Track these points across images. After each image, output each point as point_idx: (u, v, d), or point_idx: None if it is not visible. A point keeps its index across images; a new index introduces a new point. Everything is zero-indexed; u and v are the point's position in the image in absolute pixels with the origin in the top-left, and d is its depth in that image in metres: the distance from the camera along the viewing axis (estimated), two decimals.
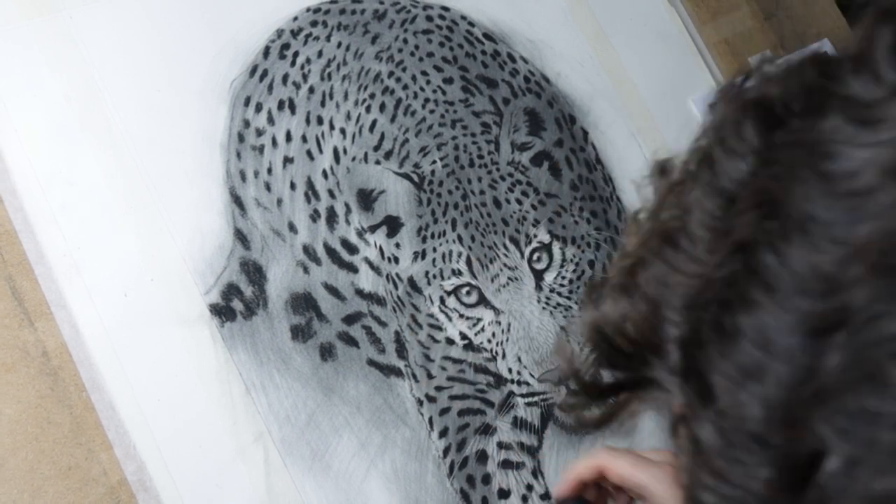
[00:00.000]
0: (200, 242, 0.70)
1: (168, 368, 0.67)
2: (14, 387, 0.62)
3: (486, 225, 0.79)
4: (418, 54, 0.82)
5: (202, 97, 0.73)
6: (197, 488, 0.65)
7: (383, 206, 0.77)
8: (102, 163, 0.69)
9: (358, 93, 0.79)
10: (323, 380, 0.71)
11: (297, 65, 0.78)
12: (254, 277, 0.71)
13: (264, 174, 0.74)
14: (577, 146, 0.87)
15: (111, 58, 0.71)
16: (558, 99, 0.88)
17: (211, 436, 0.66)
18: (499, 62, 0.86)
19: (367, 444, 0.71)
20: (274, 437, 0.68)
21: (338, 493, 0.69)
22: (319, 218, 0.75)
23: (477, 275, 0.77)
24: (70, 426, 0.63)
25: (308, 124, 0.77)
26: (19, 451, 0.61)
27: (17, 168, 0.66)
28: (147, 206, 0.69)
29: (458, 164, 0.80)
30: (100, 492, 0.62)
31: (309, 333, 0.72)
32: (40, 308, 0.64)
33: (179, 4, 0.75)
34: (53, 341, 0.64)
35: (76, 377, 0.64)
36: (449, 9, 0.85)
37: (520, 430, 0.77)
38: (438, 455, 0.73)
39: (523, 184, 0.82)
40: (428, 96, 0.81)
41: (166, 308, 0.68)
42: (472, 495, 0.73)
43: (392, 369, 0.74)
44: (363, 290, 0.75)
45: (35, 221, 0.65)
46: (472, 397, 0.76)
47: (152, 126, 0.71)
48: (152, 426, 0.65)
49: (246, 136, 0.74)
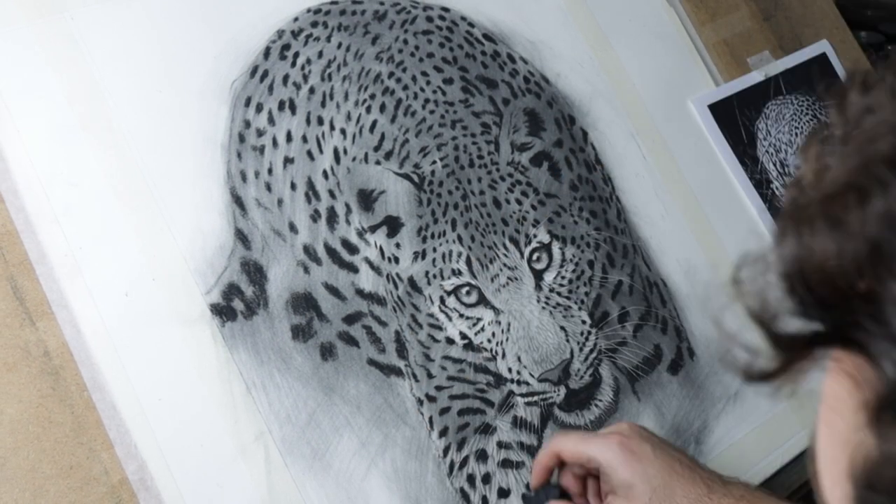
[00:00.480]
0: (201, 242, 0.70)
1: (169, 368, 0.67)
2: (15, 386, 0.62)
3: (485, 225, 0.79)
4: (418, 55, 0.82)
5: (203, 98, 0.74)
6: (198, 487, 0.65)
7: (383, 207, 0.77)
8: (104, 163, 0.69)
9: (358, 93, 0.79)
10: (323, 379, 0.71)
11: (298, 65, 0.78)
12: (254, 277, 0.71)
13: (265, 174, 0.74)
14: (576, 146, 0.87)
15: (113, 59, 0.71)
16: (558, 99, 0.88)
17: (212, 435, 0.66)
18: (499, 63, 0.86)
19: (368, 444, 0.71)
20: (275, 436, 0.68)
21: (338, 491, 0.69)
22: (320, 218, 0.75)
23: (477, 275, 0.77)
24: (71, 425, 0.63)
25: (308, 125, 0.77)
26: (21, 451, 0.61)
27: (19, 168, 0.66)
28: (148, 206, 0.69)
29: (458, 164, 0.80)
30: (101, 491, 0.62)
31: (309, 333, 0.72)
32: (42, 308, 0.64)
33: (180, 6, 0.75)
34: (55, 341, 0.64)
35: (77, 377, 0.64)
36: (449, 10, 0.85)
37: (519, 429, 0.77)
38: (438, 454, 0.73)
39: (523, 184, 0.82)
40: (428, 97, 0.81)
41: (167, 308, 0.68)
42: (472, 494, 0.73)
43: (392, 369, 0.74)
44: (363, 290, 0.75)
45: (37, 221, 0.66)
46: (472, 397, 0.76)
47: (153, 126, 0.71)
48: (153, 425, 0.65)
49: (247, 136, 0.74)
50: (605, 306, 0.83)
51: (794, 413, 0.90)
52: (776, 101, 1.02)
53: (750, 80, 1.01)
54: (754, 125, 1.00)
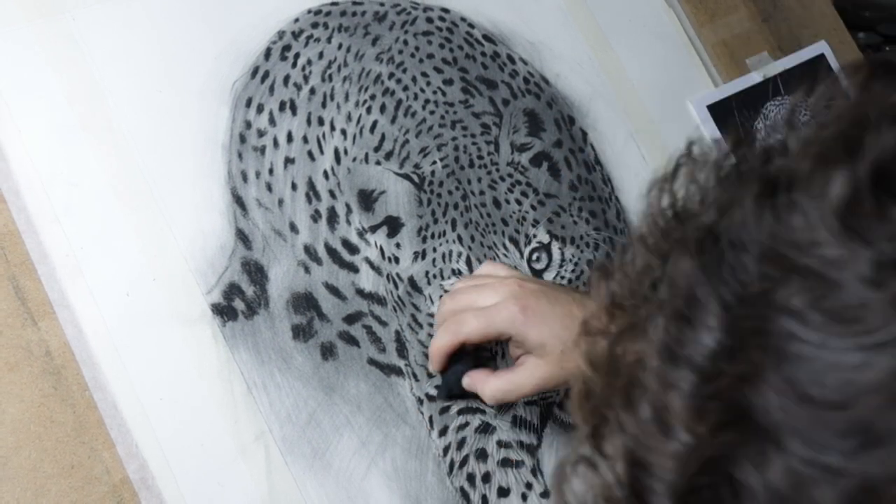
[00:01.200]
0: (202, 242, 0.71)
1: (170, 367, 0.67)
2: (17, 386, 0.62)
3: (485, 225, 0.80)
4: (419, 56, 0.83)
5: (204, 98, 0.74)
6: (199, 486, 0.65)
7: (384, 207, 0.77)
8: (104, 163, 0.69)
9: (359, 94, 0.79)
10: (324, 379, 0.72)
11: (299, 66, 0.78)
12: (255, 277, 0.72)
13: (266, 175, 0.75)
14: (576, 147, 0.87)
15: (113, 59, 0.71)
16: (557, 100, 0.88)
17: (213, 434, 0.67)
18: (498, 63, 0.86)
19: (368, 443, 0.72)
20: (275, 435, 0.68)
21: (338, 490, 0.69)
22: (320, 218, 0.75)
23: None
24: (73, 425, 0.63)
25: (309, 125, 0.77)
26: (22, 450, 0.61)
27: (20, 169, 0.66)
28: (149, 206, 0.69)
29: (458, 164, 0.80)
30: (102, 490, 0.63)
31: (310, 333, 0.72)
32: (43, 308, 0.64)
33: (181, 7, 0.76)
34: (56, 341, 0.64)
35: (79, 376, 0.64)
36: (449, 10, 0.86)
37: (519, 428, 0.77)
38: (439, 453, 0.74)
39: (523, 184, 0.82)
40: (428, 97, 0.81)
41: (168, 308, 0.68)
42: (471, 493, 0.74)
43: (392, 368, 0.74)
44: (364, 290, 0.75)
45: (38, 222, 0.66)
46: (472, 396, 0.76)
47: (154, 127, 0.71)
48: (154, 425, 0.65)
49: (247, 136, 0.75)
50: None
51: None
52: (775, 101, 1.03)
53: (749, 81, 1.02)
54: (753, 126, 1.00)
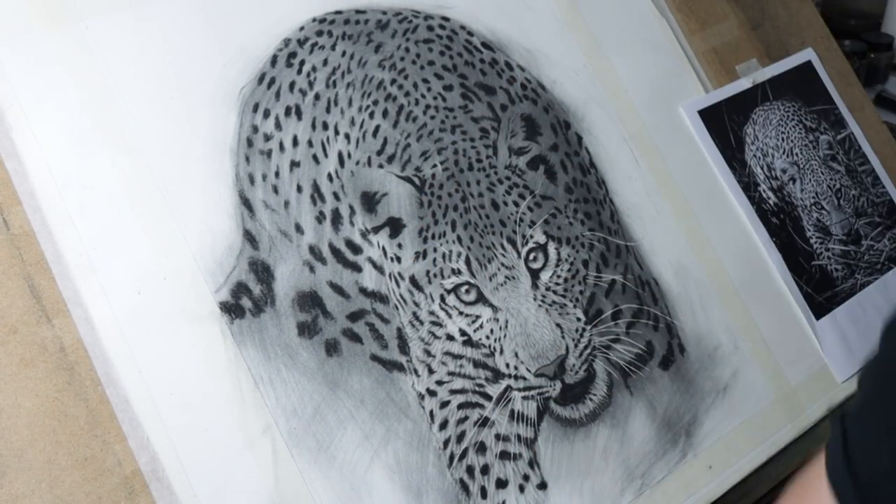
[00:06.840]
0: (211, 243, 0.72)
1: (180, 364, 0.68)
2: (33, 381, 0.64)
3: (484, 226, 0.81)
4: (420, 62, 0.84)
5: (212, 104, 0.75)
6: (207, 477, 0.66)
7: (386, 209, 0.79)
8: (117, 167, 0.70)
9: (362, 99, 0.81)
10: (328, 374, 0.73)
11: (304, 73, 0.80)
12: (262, 276, 0.73)
13: (272, 177, 0.76)
14: (571, 151, 0.88)
15: (125, 67, 0.73)
16: (553, 105, 0.89)
17: (221, 427, 0.68)
18: (497, 70, 0.87)
19: (371, 436, 0.73)
20: (281, 429, 0.70)
21: (342, 482, 0.71)
22: (325, 219, 0.77)
23: (476, 274, 0.79)
24: (86, 419, 0.64)
25: (314, 130, 0.78)
26: (37, 443, 0.63)
27: (36, 172, 0.68)
28: (159, 208, 0.71)
29: (458, 167, 0.82)
30: (114, 482, 0.64)
31: (315, 330, 0.74)
32: (58, 306, 0.66)
33: (190, 16, 0.77)
34: (70, 337, 0.65)
35: (92, 372, 0.65)
36: (449, 19, 0.87)
37: (517, 422, 0.78)
38: (439, 446, 0.75)
39: (520, 187, 0.83)
40: (429, 103, 0.83)
41: (178, 306, 0.69)
42: (471, 485, 0.75)
43: (395, 364, 0.76)
44: (367, 289, 0.77)
45: (53, 223, 0.67)
46: (472, 391, 0.77)
47: (164, 132, 0.73)
48: (165, 419, 0.66)
49: (254, 141, 0.76)
50: (599, 304, 0.84)
51: (780, 407, 0.91)
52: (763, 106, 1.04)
53: (738, 87, 1.03)
54: (742, 130, 1.02)
